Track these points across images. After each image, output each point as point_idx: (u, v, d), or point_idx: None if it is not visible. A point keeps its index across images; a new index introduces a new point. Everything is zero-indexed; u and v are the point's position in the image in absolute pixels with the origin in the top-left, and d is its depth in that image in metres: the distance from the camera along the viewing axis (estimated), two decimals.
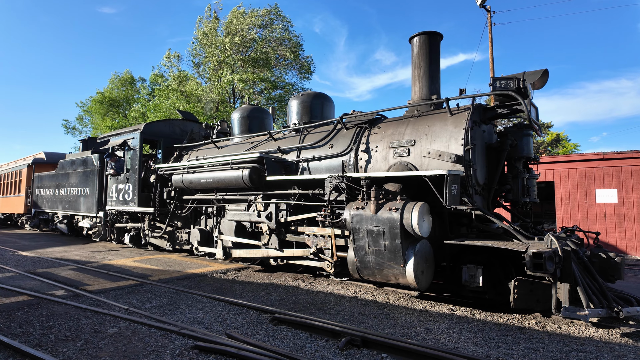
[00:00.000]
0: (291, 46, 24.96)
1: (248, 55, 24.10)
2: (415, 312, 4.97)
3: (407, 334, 4.09)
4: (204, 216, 8.85)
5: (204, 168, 8.16)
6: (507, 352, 3.65)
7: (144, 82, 34.39)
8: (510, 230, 4.93)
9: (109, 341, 3.88)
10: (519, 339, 4.00)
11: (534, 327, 4.47)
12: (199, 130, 10.50)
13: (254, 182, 7.12)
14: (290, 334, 4.06)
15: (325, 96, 7.81)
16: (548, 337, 4.09)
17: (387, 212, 5.04)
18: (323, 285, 6.28)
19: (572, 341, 3.98)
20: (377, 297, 5.62)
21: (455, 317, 4.74)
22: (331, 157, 6.56)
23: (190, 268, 7.85)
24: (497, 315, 4.84)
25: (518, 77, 5.39)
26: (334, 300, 5.42)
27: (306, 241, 6.40)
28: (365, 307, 5.16)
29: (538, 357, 3.55)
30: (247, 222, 7.39)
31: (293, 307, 5.03)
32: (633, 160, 11.08)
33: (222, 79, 22.83)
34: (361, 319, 4.62)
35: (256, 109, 8.96)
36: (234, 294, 5.72)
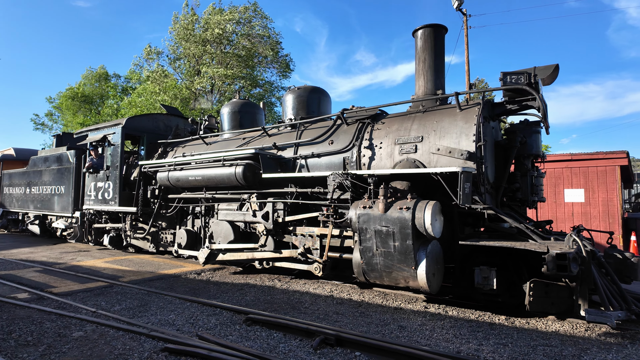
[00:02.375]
0: (271, 44, 24.55)
1: (228, 51, 23.53)
2: (389, 309, 4.96)
3: (381, 332, 4.12)
4: (191, 216, 8.37)
5: (192, 165, 7.70)
6: (477, 347, 3.72)
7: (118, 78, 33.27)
8: (526, 230, 4.74)
9: (74, 345, 3.72)
10: (489, 335, 4.07)
11: (503, 322, 4.54)
12: (184, 126, 9.98)
13: (247, 180, 6.73)
14: (264, 334, 4.02)
15: (322, 90, 7.49)
16: (517, 333, 4.17)
17: (398, 212, 4.76)
18: (299, 285, 6.17)
19: (539, 336, 4.08)
20: (353, 296, 5.56)
21: (428, 315, 4.79)
22: (332, 153, 6.24)
23: (163, 269, 7.57)
24: (469, 312, 4.88)
25: (529, 72, 5.22)
26: (309, 300, 5.36)
27: (294, 241, 6.08)
28: (340, 305, 5.11)
29: (506, 352, 3.63)
30: (240, 223, 6.99)
31: (268, 307, 4.96)
32: (598, 161, 11.65)
33: (201, 73, 22.20)
34: (336, 317, 4.60)
35: (247, 103, 8.55)
36: (208, 295, 5.59)
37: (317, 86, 7.44)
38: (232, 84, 23.66)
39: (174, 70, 25.03)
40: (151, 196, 8.59)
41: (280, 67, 25.93)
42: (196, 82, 22.58)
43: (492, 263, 4.83)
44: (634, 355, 3.57)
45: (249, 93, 23.97)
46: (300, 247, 5.97)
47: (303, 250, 5.90)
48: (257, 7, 24.13)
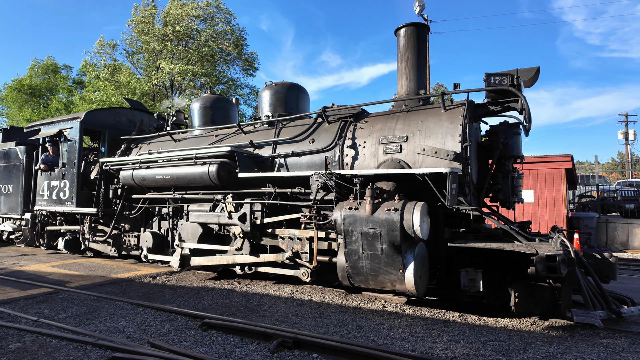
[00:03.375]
0: (234, 41, 23.97)
1: (189, 47, 22.72)
2: (348, 309, 4.97)
3: (339, 333, 4.13)
4: (157, 218, 7.86)
5: (160, 163, 7.23)
6: (432, 345, 3.80)
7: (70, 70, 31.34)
8: (510, 232, 4.75)
9: (10, 358, 3.49)
10: (442, 332, 4.16)
11: (457, 319, 4.65)
12: (149, 121, 9.40)
13: (222, 179, 6.37)
14: (220, 339, 3.92)
15: (301, 87, 7.25)
16: (468, 329, 4.28)
17: (385, 213, 4.62)
18: (259, 287, 6.07)
19: (489, 332, 4.20)
20: (313, 297, 5.53)
21: (386, 314, 4.82)
22: (313, 152, 6.02)
23: (115, 273, 7.19)
24: (424, 310, 4.97)
25: (512, 73, 5.25)
26: (269, 302, 5.29)
27: (280, 245, 5.81)
28: (300, 307, 5.07)
29: (458, 348, 3.72)
30: (214, 225, 6.61)
31: (226, 311, 4.84)
32: (546, 164, 12.46)
33: (160, 69, 21.26)
34: (295, 319, 4.56)
35: (220, 98, 8.15)
36: (163, 300, 5.40)
37: (295, 83, 7.19)
38: (193, 80, 22.90)
39: (132, 65, 23.89)
40: (113, 196, 8.00)
41: (245, 64, 25.41)
42: (153, 77, 21.59)
43: (477, 264, 4.79)
44: (573, 348, 3.75)
45: (211, 90, 23.24)
46: (288, 251, 5.69)
47: (291, 254, 5.63)
48: (220, 2, 23.48)
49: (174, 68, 20.75)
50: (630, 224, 12.58)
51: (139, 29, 22.13)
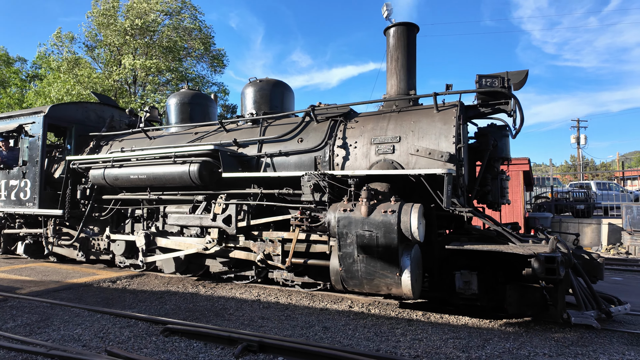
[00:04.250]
0: (201, 37, 23.33)
1: (153, 41, 21.86)
2: (315, 311, 4.95)
3: (305, 335, 4.11)
4: (130, 220, 7.40)
5: (134, 162, 6.79)
6: (396, 344, 3.85)
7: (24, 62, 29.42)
8: (504, 233, 4.76)
9: None
10: (406, 331, 4.22)
11: (420, 318, 4.74)
12: (120, 117, 8.86)
13: (204, 179, 6.05)
14: (182, 345, 3.82)
15: (286, 85, 7.03)
16: (431, 327, 4.37)
17: (382, 215, 4.50)
18: (225, 290, 5.94)
19: (450, 330, 4.30)
20: (280, 299, 5.49)
21: (352, 314, 4.84)
22: (301, 152, 5.82)
23: (72, 277, 6.82)
24: (389, 309, 5.01)
25: (502, 76, 5.28)
26: (235, 305, 5.20)
27: (251, 247, 5.60)
28: (267, 309, 5.01)
29: (421, 346, 3.79)
30: (195, 228, 6.27)
31: (189, 316, 4.73)
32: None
33: (122, 64, 20.29)
34: (261, 322, 4.52)
35: (198, 94, 7.78)
36: (123, 305, 5.22)
37: (280, 80, 6.96)
38: (157, 76, 22.06)
39: (93, 59, 22.67)
40: (81, 197, 7.45)
41: (213, 61, 24.79)
42: (115, 72, 20.58)
43: (471, 266, 4.77)
44: (528, 343, 3.92)
45: (177, 87, 22.54)
46: (259, 253, 5.48)
47: (262, 256, 5.42)
48: None
49: (135, 63, 19.88)
50: (581, 223, 13.25)
51: (100, 22, 21.02)
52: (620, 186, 20.96)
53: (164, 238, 6.40)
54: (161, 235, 6.48)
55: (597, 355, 3.59)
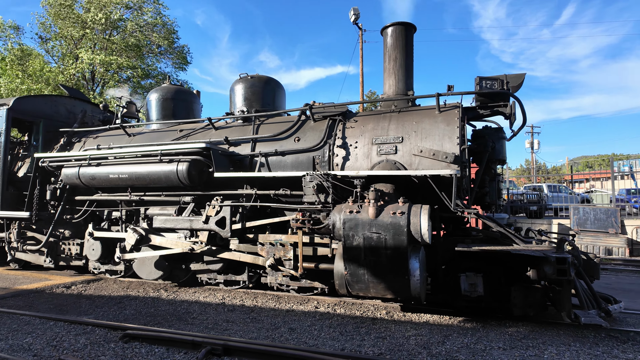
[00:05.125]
0: (165, 33, 22.52)
1: (114, 37, 20.84)
2: (281, 313, 4.92)
3: (271, 336, 4.09)
4: (106, 222, 6.88)
5: (112, 160, 6.33)
6: (360, 343, 3.91)
7: None
8: (508, 234, 4.77)
9: None
10: (370, 330, 4.29)
11: (384, 317, 4.79)
12: (92, 113, 8.25)
13: (193, 179, 5.72)
14: (143, 351, 3.72)
15: (278, 82, 6.79)
16: (394, 325, 4.46)
17: (391, 217, 4.38)
18: (188, 294, 5.80)
19: (412, 327, 4.41)
20: (246, 302, 5.40)
21: (318, 315, 4.82)
22: (299, 152, 5.61)
23: (21, 283, 6.44)
24: (354, 308, 5.05)
25: (501, 78, 5.33)
26: (198, 309, 5.08)
27: (259, 251, 5.33)
28: (232, 312, 4.93)
29: (385, 344, 3.87)
30: (184, 231, 5.89)
31: (151, 321, 4.60)
32: None
33: (80, 58, 19.16)
34: (226, 325, 4.44)
35: (182, 90, 7.38)
36: (79, 311, 5.00)
37: (271, 77, 6.71)
38: (117, 72, 21.03)
39: (47, 52, 21.25)
40: (51, 198, 6.85)
41: (177, 58, 23.98)
42: (71, 67, 19.38)
43: (475, 268, 4.75)
44: (484, 337, 4.07)
45: (138, 84, 21.59)
46: (269, 258, 5.22)
47: (273, 261, 5.16)
48: None
49: (94, 58, 18.83)
50: (534, 224, 13.84)
51: (55, 12, 19.74)
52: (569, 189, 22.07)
53: (157, 236, 5.98)
54: (154, 233, 6.05)
55: (546, 347, 3.83)
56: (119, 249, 6.21)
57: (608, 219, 11.91)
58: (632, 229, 11.93)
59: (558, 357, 3.62)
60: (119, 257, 6.10)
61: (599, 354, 3.66)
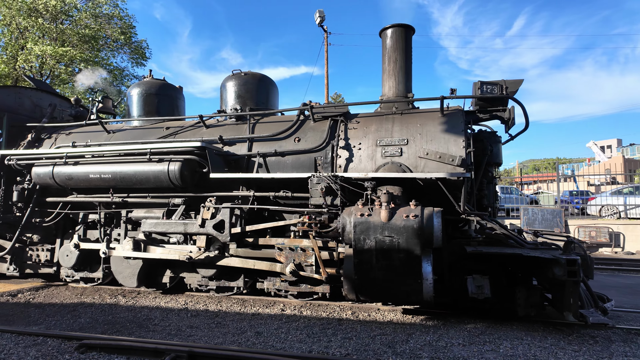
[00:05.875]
0: (122, 26, 21.47)
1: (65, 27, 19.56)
2: (247, 317, 4.86)
3: (237, 341, 4.03)
4: (81, 226, 6.34)
5: (92, 159, 5.84)
6: (327, 344, 3.94)
7: None
8: (515, 237, 4.86)
9: None
10: (337, 331, 4.32)
11: (350, 317, 4.84)
12: (62, 107, 7.59)
13: (185, 180, 5.39)
14: None
15: (272, 80, 6.55)
16: (360, 326, 4.52)
17: (404, 220, 4.33)
18: (149, 300, 5.61)
19: (377, 327, 4.48)
20: (210, 306, 5.30)
21: (284, 317, 4.80)
22: (300, 152, 5.43)
23: None
24: (321, 310, 5.06)
25: (500, 84, 5.43)
26: (160, 315, 4.93)
27: (277, 257, 5.09)
28: (195, 318, 4.83)
29: (351, 345, 3.93)
30: (177, 235, 5.52)
31: (109, 329, 4.45)
32: None
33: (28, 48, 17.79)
34: (190, 331, 4.35)
35: (167, 85, 6.93)
36: (27, 321, 4.75)
37: (265, 74, 6.47)
38: (69, 65, 19.76)
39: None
40: (18, 199, 6.22)
41: (134, 53, 22.94)
42: (20, 58, 17.96)
43: (480, 270, 4.79)
44: (445, 335, 4.21)
45: None
46: (288, 264, 4.99)
47: (293, 267, 4.94)
48: None
49: (45, 49, 17.55)
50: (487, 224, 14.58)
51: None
52: (519, 190, 23.25)
53: (157, 247, 5.56)
54: (153, 243, 5.62)
55: (501, 342, 4.02)
56: (104, 245, 5.70)
57: (554, 219, 12.65)
58: (574, 228, 12.77)
59: (512, 350, 3.81)
60: (105, 252, 5.61)
61: (548, 346, 3.91)
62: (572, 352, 3.77)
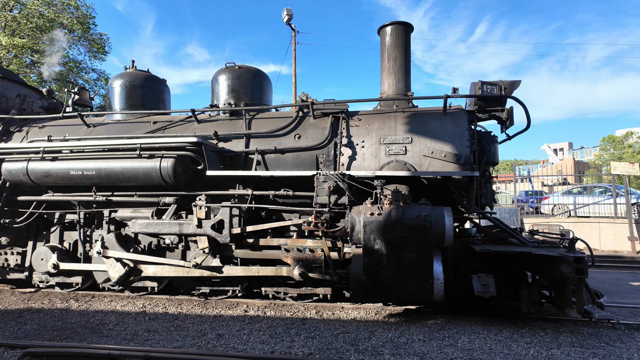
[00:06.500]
0: (79, 17, 20.38)
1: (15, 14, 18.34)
2: (208, 319, 4.73)
3: (197, 344, 3.94)
4: (57, 227, 5.85)
5: (71, 154, 5.40)
6: (290, 344, 3.90)
7: None
8: (516, 236, 4.91)
9: None
10: (300, 331, 4.28)
11: (314, 316, 4.82)
12: (31, 98, 6.98)
13: (178, 177, 5.08)
14: None
15: (266, 75, 6.31)
16: (324, 325, 4.49)
17: (415, 219, 4.27)
18: (103, 304, 5.34)
19: (340, 325, 4.48)
20: (169, 309, 5.12)
21: (247, 318, 4.71)
22: (300, 149, 5.25)
23: None
24: (285, 310, 5.01)
25: (499, 84, 5.49)
26: (115, 319, 4.72)
27: (283, 258, 4.86)
28: (153, 321, 4.66)
29: (314, 344, 3.91)
30: (171, 237, 5.17)
31: (58, 335, 4.21)
32: None
33: None
34: (147, 335, 4.18)
35: (152, 77, 6.52)
36: None
37: (259, 69, 6.22)
38: (21, 55, 18.52)
39: None
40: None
41: (93, 45, 21.81)
42: None
43: (484, 269, 4.80)
44: (406, 331, 4.26)
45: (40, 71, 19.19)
46: (295, 266, 4.77)
47: (303, 269, 4.73)
48: None
49: None
50: None
51: None
52: None
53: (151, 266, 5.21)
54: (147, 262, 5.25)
55: (459, 336, 4.12)
56: (99, 244, 5.26)
57: (511, 218, 13.18)
58: (529, 227, 13.39)
59: (470, 344, 3.91)
60: (99, 251, 5.17)
61: (503, 339, 4.05)
62: (524, 344, 3.92)
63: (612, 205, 13.16)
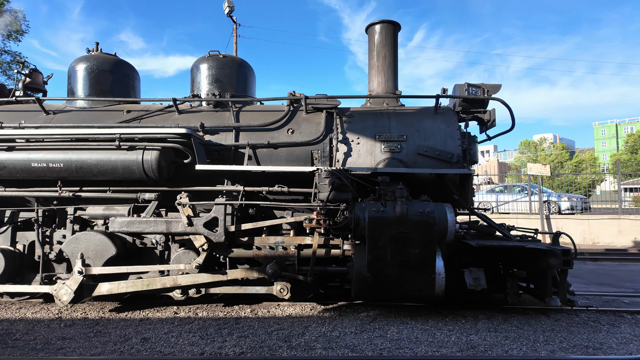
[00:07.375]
0: None
1: None
2: (133, 322, 4.52)
3: (119, 350, 3.74)
4: (8, 227, 5.12)
5: (35, 144, 4.76)
6: (221, 345, 3.84)
7: None
8: (502, 231, 5.16)
9: None
10: (233, 330, 4.22)
11: (248, 315, 4.78)
12: None
13: (162, 172, 4.68)
14: None
15: (250, 66, 6.01)
16: (258, 323, 4.46)
17: (419, 215, 4.31)
18: (11, 311, 4.92)
19: (275, 322, 4.48)
20: (90, 314, 4.83)
21: (177, 320, 4.58)
22: (295, 145, 5.08)
23: None
24: (218, 310, 4.94)
25: (483, 87, 5.74)
26: (24, 328, 4.34)
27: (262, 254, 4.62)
28: (70, 328, 4.35)
29: (247, 343, 3.87)
30: (156, 235, 4.73)
31: None
32: None
33: None
34: (62, 344, 3.89)
35: (121, 62, 5.92)
36: None
37: (243, 59, 5.91)
38: None
39: None
40: None
41: (8, 25, 19.60)
42: None
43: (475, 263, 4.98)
44: (339, 325, 4.37)
45: None
46: (269, 264, 4.56)
47: (276, 267, 4.53)
48: None
49: None
50: None
51: None
52: None
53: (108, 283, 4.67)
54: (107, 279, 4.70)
55: (389, 327, 4.31)
56: (80, 262, 4.62)
57: None
58: None
59: (398, 334, 4.11)
60: (80, 270, 4.55)
61: (428, 328, 4.29)
62: (447, 332, 4.19)
63: (527, 203, 14.57)
